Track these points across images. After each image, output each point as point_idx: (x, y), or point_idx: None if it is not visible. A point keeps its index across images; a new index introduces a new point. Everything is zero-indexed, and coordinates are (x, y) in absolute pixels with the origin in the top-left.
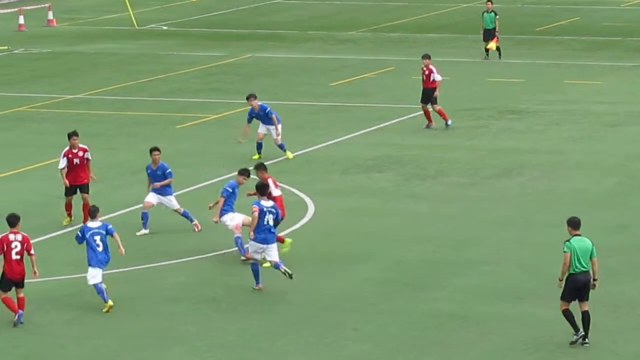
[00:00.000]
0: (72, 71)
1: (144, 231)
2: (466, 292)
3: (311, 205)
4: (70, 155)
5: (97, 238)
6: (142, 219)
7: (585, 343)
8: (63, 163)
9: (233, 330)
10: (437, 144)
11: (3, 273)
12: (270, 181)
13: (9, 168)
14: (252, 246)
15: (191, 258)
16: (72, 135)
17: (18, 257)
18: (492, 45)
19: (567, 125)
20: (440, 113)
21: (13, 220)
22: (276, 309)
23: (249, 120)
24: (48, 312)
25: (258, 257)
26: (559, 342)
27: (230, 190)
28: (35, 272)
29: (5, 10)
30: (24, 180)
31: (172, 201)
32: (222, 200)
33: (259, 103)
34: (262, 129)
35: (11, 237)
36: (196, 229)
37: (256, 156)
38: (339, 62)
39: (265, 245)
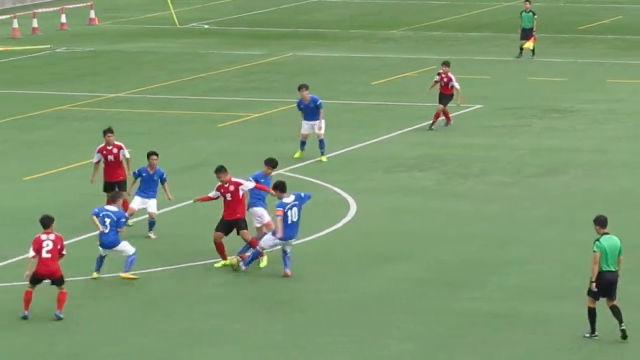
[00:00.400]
0: (114, 70)
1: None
2: (508, 291)
3: (353, 204)
4: (104, 152)
5: (107, 220)
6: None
7: (623, 329)
8: (97, 158)
9: (277, 329)
10: (480, 143)
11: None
12: (237, 179)
13: (50, 167)
14: (271, 240)
15: (234, 257)
16: (107, 132)
17: (49, 255)
18: (529, 44)
19: (610, 124)
20: (437, 115)
21: (46, 222)
22: (319, 308)
23: (300, 109)
24: (87, 310)
25: (269, 248)
26: (601, 341)
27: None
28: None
29: (47, 9)
30: (65, 179)
31: (154, 205)
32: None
33: (310, 95)
34: (305, 129)
35: (43, 237)
36: (152, 237)
37: (298, 154)
38: (380, 60)
39: (288, 241)
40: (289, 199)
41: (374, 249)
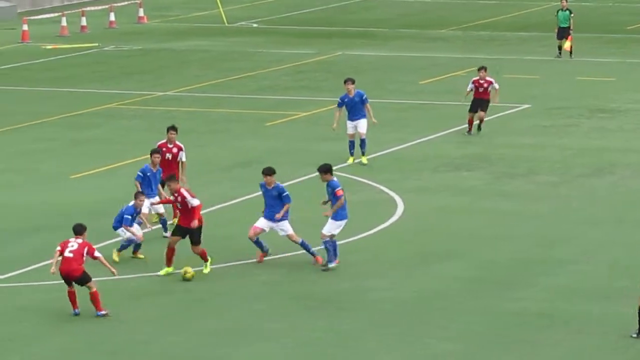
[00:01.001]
0: (162, 68)
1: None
2: (555, 291)
3: (401, 204)
4: (164, 149)
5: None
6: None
7: None
8: None
9: (319, 327)
10: (527, 143)
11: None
12: (184, 192)
13: (99, 164)
14: (335, 225)
15: (275, 256)
16: (170, 129)
17: (71, 255)
18: (567, 45)
19: None
20: (480, 118)
21: (78, 229)
22: (362, 307)
23: (340, 105)
24: (133, 309)
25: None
26: None
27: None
28: (113, 272)
29: (96, 8)
30: (114, 177)
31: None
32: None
33: (356, 90)
34: (350, 129)
35: (71, 239)
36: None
37: (350, 159)
38: (429, 60)
39: (346, 220)
40: (334, 178)
41: (421, 248)
